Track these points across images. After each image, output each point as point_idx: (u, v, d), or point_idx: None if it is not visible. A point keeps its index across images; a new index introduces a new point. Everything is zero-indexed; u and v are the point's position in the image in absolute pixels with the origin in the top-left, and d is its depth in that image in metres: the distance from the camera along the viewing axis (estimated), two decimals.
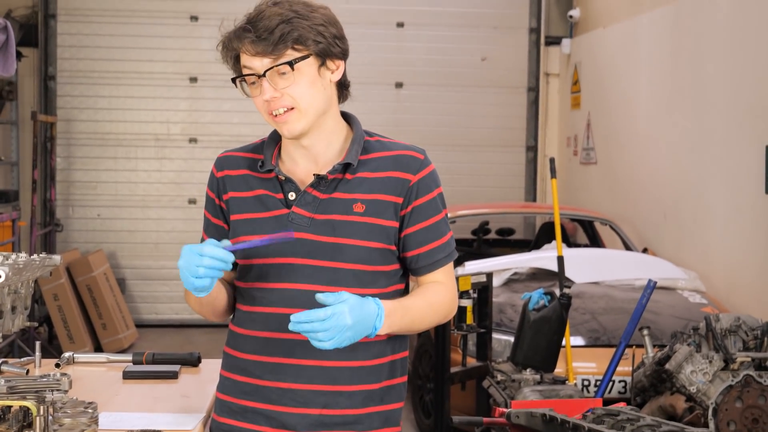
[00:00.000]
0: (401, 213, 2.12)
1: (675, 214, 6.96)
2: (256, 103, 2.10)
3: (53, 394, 2.10)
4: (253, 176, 2.16)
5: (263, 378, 2.11)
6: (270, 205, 2.12)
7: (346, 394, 2.10)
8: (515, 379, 4.48)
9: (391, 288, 2.15)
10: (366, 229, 2.09)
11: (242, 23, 2.06)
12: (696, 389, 4.03)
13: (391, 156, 2.14)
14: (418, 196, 2.12)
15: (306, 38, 2.04)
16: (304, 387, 2.08)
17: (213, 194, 2.21)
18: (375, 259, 2.10)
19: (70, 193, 9.08)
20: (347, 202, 2.10)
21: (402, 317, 2.06)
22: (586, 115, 8.79)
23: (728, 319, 4.15)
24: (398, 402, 2.20)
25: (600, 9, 8.70)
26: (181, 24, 9.09)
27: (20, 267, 2.35)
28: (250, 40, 2.03)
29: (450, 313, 2.20)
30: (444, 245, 2.16)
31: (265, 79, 2.05)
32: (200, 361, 2.96)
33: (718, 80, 6.33)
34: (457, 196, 8.75)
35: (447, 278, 2.18)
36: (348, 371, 2.06)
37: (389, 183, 2.11)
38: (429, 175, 2.15)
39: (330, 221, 2.09)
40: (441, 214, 2.16)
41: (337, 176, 2.11)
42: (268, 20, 2.02)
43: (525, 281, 5.98)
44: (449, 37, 9.36)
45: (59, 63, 9.01)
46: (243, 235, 2.12)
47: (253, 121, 8.82)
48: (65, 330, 7.57)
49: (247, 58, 2.06)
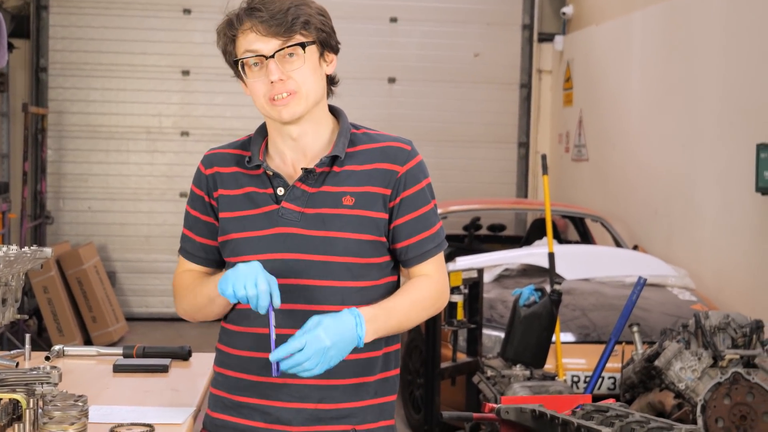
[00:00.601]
0: (390, 204, 2.12)
1: (666, 212, 6.98)
2: (253, 87, 2.08)
3: (43, 387, 2.10)
4: (242, 173, 2.15)
5: (258, 374, 2.11)
6: (259, 202, 2.12)
7: (341, 388, 2.10)
8: (505, 375, 4.49)
9: (384, 280, 2.15)
10: (356, 222, 2.09)
11: (250, 5, 2.05)
12: (685, 386, 4.05)
13: (378, 148, 2.14)
14: (406, 188, 2.12)
15: (313, 24, 2.05)
16: (300, 382, 2.08)
17: (201, 192, 2.20)
18: (366, 251, 2.10)
19: (61, 185, 9.06)
20: (336, 195, 2.09)
21: (387, 320, 2.06)
22: (578, 112, 8.81)
23: (717, 317, 4.17)
24: (392, 395, 2.20)
25: (593, 6, 8.71)
26: (174, 17, 9.07)
27: (11, 260, 2.34)
28: (262, 20, 2.02)
29: (439, 305, 2.18)
30: (433, 235, 2.16)
31: (272, 60, 2.04)
32: (191, 355, 2.96)
33: (710, 78, 6.35)
34: (448, 192, 8.76)
35: (436, 269, 2.17)
36: (343, 364, 2.06)
37: (377, 175, 2.11)
38: (417, 166, 2.14)
39: (320, 215, 2.08)
40: (430, 205, 2.16)
41: (325, 169, 2.11)
42: (279, 2, 2.03)
43: (516, 277, 6.00)
44: (442, 33, 9.37)
45: (51, 55, 8.98)
46: (233, 233, 2.12)
47: (244, 114, 8.82)
48: (55, 323, 7.56)
49: (253, 40, 2.04)
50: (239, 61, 2.07)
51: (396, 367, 2.21)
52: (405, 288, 2.15)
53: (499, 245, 7.55)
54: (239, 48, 2.07)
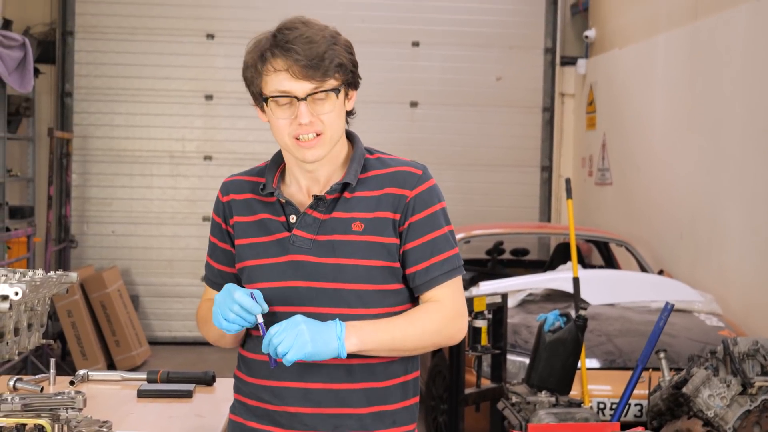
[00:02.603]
0: (399, 229, 2.10)
1: (691, 236, 6.92)
2: (278, 124, 2.06)
3: (68, 412, 2.09)
4: (256, 200, 2.15)
5: (272, 402, 2.11)
6: (272, 229, 2.12)
7: (356, 417, 2.08)
8: (530, 401, 4.45)
9: (398, 308, 2.12)
10: (365, 248, 2.07)
11: (284, 42, 2.01)
12: (713, 414, 3.99)
13: (389, 173, 2.12)
14: (414, 212, 2.10)
15: (344, 66, 2.05)
16: (312, 411, 2.07)
17: (219, 219, 2.21)
18: (376, 277, 2.08)
19: (85, 209, 9.11)
20: (346, 222, 2.08)
21: (374, 331, 2.02)
22: (602, 135, 8.77)
23: (746, 343, 4.11)
24: (410, 423, 2.17)
25: (616, 29, 8.70)
26: (197, 42, 9.13)
27: (37, 284, 2.34)
28: (299, 62, 2.00)
29: (451, 332, 2.11)
30: (443, 262, 2.11)
31: (303, 103, 2.02)
32: (215, 380, 2.95)
33: (735, 100, 6.31)
34: (471, 216, 8.74)
35: (447, 297, 2.11)
36: (358, 393, 2.04)
37: (386, 200, 2.09)
38: (427, 191, 2.11)
39: (330, 242, 2.08)
40: (442, 230, 2.12)
41: (336, 196, 2.10)
42: (316, 45, 2.00)
43: (540, 302, 5.95)
44: (464, 57, 9.37)
45: (76, 80, 9.06)
46: (248, 260, 2.13)
47: (267, 139, 8.81)
48: (78, 346, 7.57)
49: (285, 79, 2.02)
50: (265, 96, 2.05)
51: (415, 395, 2.18)
52: (409, 311, 2.12)
53: (522, 270, 7.51)
54: (269, 84, 2.04)
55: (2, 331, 2.24)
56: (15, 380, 2.78)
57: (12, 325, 2.30)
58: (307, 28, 2.02)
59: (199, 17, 9.10)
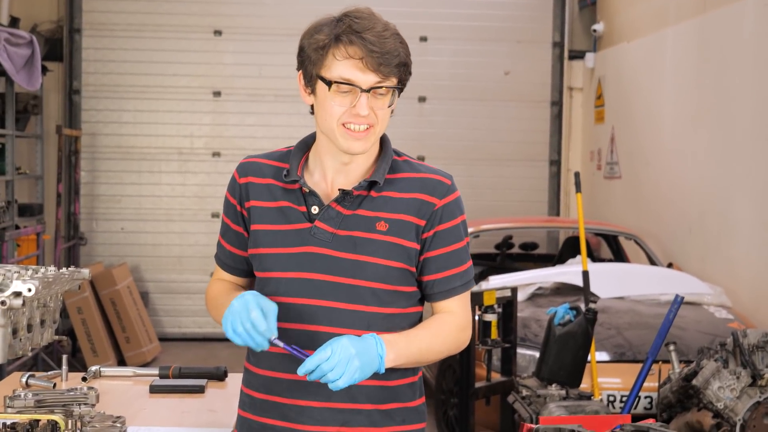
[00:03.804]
0: (423, 236, 2.10)
1: (700, 229, 6.91)
2: (331, 109, 2.03)
3: (81, 408, 2.10)
4: (277, 186, 2.13)
5: (282, 395, 2.10)
6: (292, 218, 2.10)
7: (365, 413, 2.09)
8: (540, 395, 4.45)
9: (410, 309, 2.14)
10: (387, 248, 2.07)
11: (362, 30, 2.00)
12: (723, 405, 3.99)
13: (418, 178, 2.12)
14: (441, 221, 2.10)
15: (407, 66, 2.08)
16: (323, 405, 2.07)
17: (234, 200, 2.18)
18: (393, 278, 2.08)
19: (94, 206, 9.13)
20: (371, 220, 2.08)
21: (407, 347, 2.04)
22: (610, 129, 8.76)
23: (756, 335, 4.11)
24: (420, 422, 2.18)
25: (624, 23, 8.68)
26: (205, 38, 9.14)
27: (49, 281, 2.35)
28: (373, 54, 1.99)
29: (460, 344, 2.16)
30: (462, 273, 2.14)
31: (366, 95, 2.02)
32: (226, 375, 2.96)
33: (744, 93, 6.29)
34: (480, 210, 8.73)
35: (460, 308, 2.15)
36: (368, 390, 2.05)
37: (414, 204, 2.09)
38: (454, 202, 2.13)
39: (352, 237, 2.07)
40: (462, 242, 2.14)
41: (362, 193, 2.09)
42: (388, 40, 2.02)
43: (549, 296, 5.95)
44: (472, 51, 9.36)
45: (84, 77, 9.08)
46: (262, 247, 2.11)
47: (276, 135, 8.85)
48: (89, 343, 7.60)
49: (352, 67, 2.00)
50: (327, 80, 2.03)
51: (421, 395, 2.20)
52: (428, 322, 2.13)
53: (531, 264, 7.51)
54: (334, 68, 2.02)
55: (15, 328, 2.26)
56: (27, 377, 2.79)
57: (25, 322, 2.32)
58: (377, 20, 2.04)
59: (207, 14, 9.10)
